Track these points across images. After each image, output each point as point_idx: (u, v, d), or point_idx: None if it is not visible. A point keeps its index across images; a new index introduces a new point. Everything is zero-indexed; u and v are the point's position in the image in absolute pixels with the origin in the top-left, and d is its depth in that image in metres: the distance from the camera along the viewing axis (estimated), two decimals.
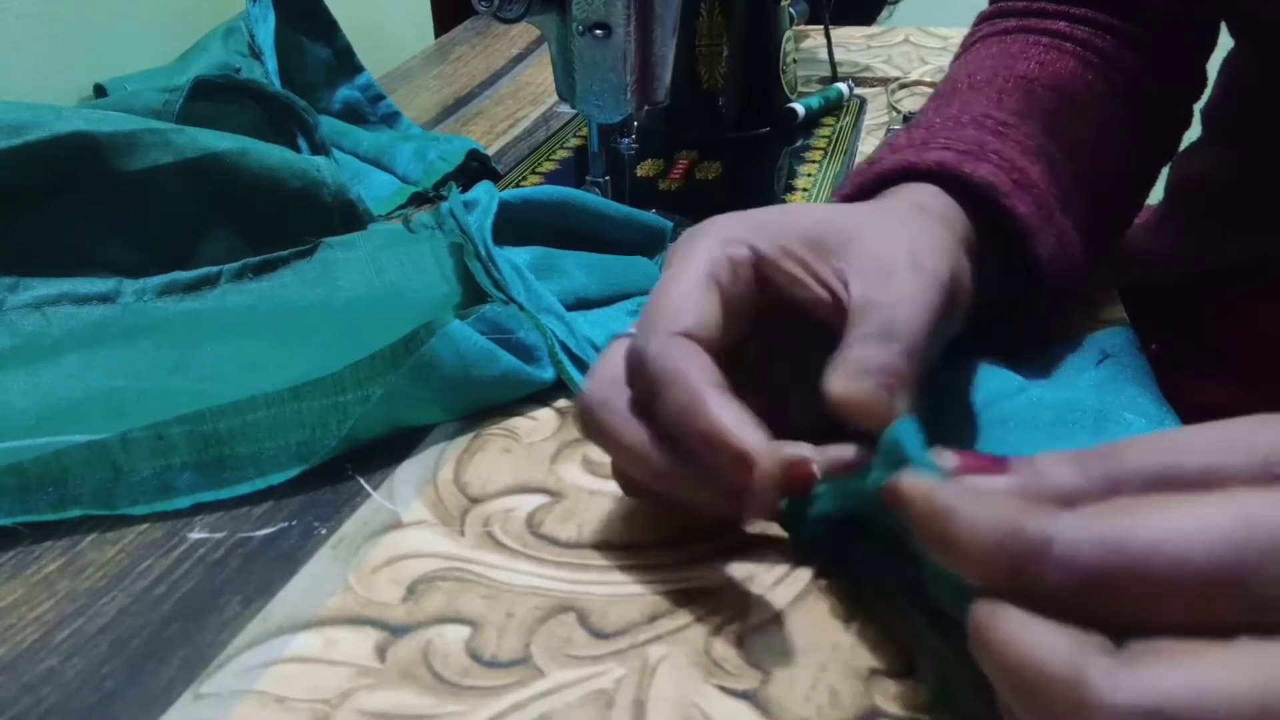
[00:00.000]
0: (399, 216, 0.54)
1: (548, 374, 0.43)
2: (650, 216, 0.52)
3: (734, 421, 0.29)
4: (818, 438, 0.31)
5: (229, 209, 0.50)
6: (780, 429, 0.31)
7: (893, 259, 0.33)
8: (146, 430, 0.36)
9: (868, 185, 0.42)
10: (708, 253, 0.33)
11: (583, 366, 0.43)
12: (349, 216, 0.53)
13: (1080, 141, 0.47)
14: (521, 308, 0.44)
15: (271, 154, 0.51)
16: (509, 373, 0.41)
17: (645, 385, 0.31)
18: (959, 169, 0.40)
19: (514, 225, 0.49)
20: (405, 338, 0.39)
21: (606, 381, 0.33)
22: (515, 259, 0.47)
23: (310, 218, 0.52)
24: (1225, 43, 0.59)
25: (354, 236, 0.51)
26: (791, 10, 0.74)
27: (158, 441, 0.36)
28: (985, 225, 0.39)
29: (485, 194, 0.50)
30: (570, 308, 0.46)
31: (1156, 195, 0.70)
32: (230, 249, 0.50)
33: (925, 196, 0.39)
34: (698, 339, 0.31)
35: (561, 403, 0.42)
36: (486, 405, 0.42)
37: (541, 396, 0.43)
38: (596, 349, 0.44)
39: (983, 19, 0.59)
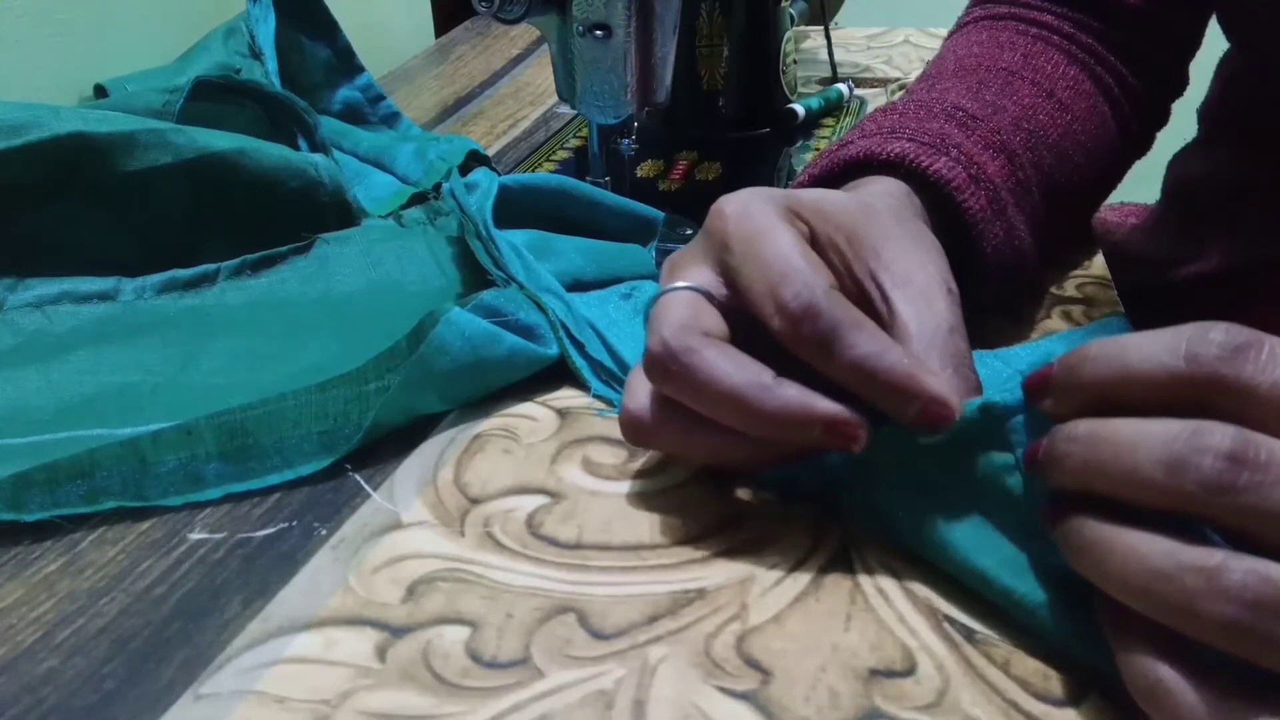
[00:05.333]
0: (393, 216, 0.55)
1: (552, 350, 0.43)
2: (643, 207, 0.53)
3: (927, 371, 0.31)
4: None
5: (226, 209, 0.50)
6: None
7: (929, 282, 0.35)
8: (177, 427, 0.37)
9: (836, 168, 0.45)
10: (787, 218, 0.34)
11: (580, 347, 0.43)
12: (343, 215, 0.53)
13: (1051, 136, 0.49)
14: (521, 286, 0.44)
15: (269, 154, 0.51)
16: (515, 350, 0.42)
17: (818, 333, 0.31)
18: (917, 162, 0.42)
19: (511, 210, 0.50)
20: (415, 328, 0.40)
21: (682, 329, 0.33)
22: (513, 239, 0.47)
23: (306, 217, 0.52)
24: (1223, 42, 0.59)
25: (349, 232, 0.52)
26: (791, 11, 0.74)
27: (184, 435, 0.37)
28: (938, 214, 0.42)
29: (485, 178, 0.50)
30: (566, 289, 0.47)
31: (1153, 195, 0.70)
32: (227, 248, 0.50)
33: (899, 191, 0.42)
34: None
35: (561, 403, 0.43)
36: (498, 387, 0.43)
37: (541, 397, 0.43)
38: (594, 330, 0.44)
39: (975, 3, 0.60)
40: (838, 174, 0.45)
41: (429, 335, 0.39)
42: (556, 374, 0.44)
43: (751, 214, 0.34)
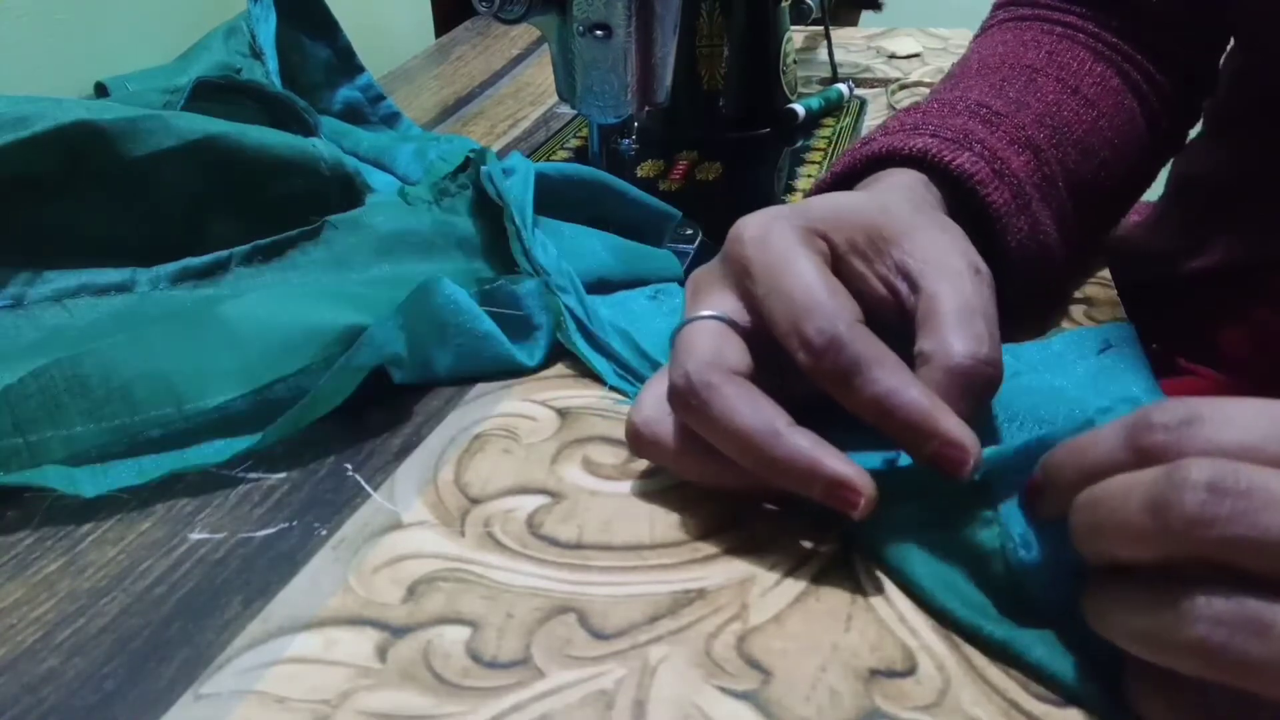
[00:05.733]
0: (398, 193, 0.55)
1: (531, 359, 0.44)
2: (662, 203, 0.53)
3: (945, 411, 0.30)
4: (806, 411, 0.33)
5: (232, 187, 0.50)
6: (779, 399, 0.32)
7: (955, 262, 0.35)
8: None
9: (858, 165, 0.45)
10: (806, 243, 0.34)
11: (595, 343, 0.44)
12: (347, 190, 0.53)
13: (1076, 132, 0.48)
14: (547, 285, 0.45)
15: (268, 133, 0.51)
16: (491, 334, 0.43)
17: (839, 368, 0.31)
18: (939, 157, 0.42)
19: (540, 196, 0.50)
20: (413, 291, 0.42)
21: (706, 365, 0.33)
22: (544, 236, 0.48)
23: (310, 192, 0.52)
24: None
25: (356, 214, 0.51)
26: (809, 1, 0.74)
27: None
28: (961, 209, 0.42)
29: (521, 163, 0.50)
30: (591, 285, 0.47)
31: (1156, 191, 0.70)
32: (236, 228, 0.50)
33: (915, 184, 0.42)
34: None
35: (561, 403, 0.43)
36: (467, 363, 0.44)
37: (541, 397, 0.43)
38: (615, 328, 0.45)
39: (999, 6, 0.60)
40: (860, 170, 0.45)
41: (421, 284, 0.41)
42: (557, 374, 0.44)
43: (771, 241, 0.34)
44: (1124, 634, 0.26)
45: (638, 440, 0.36)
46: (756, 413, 0.32)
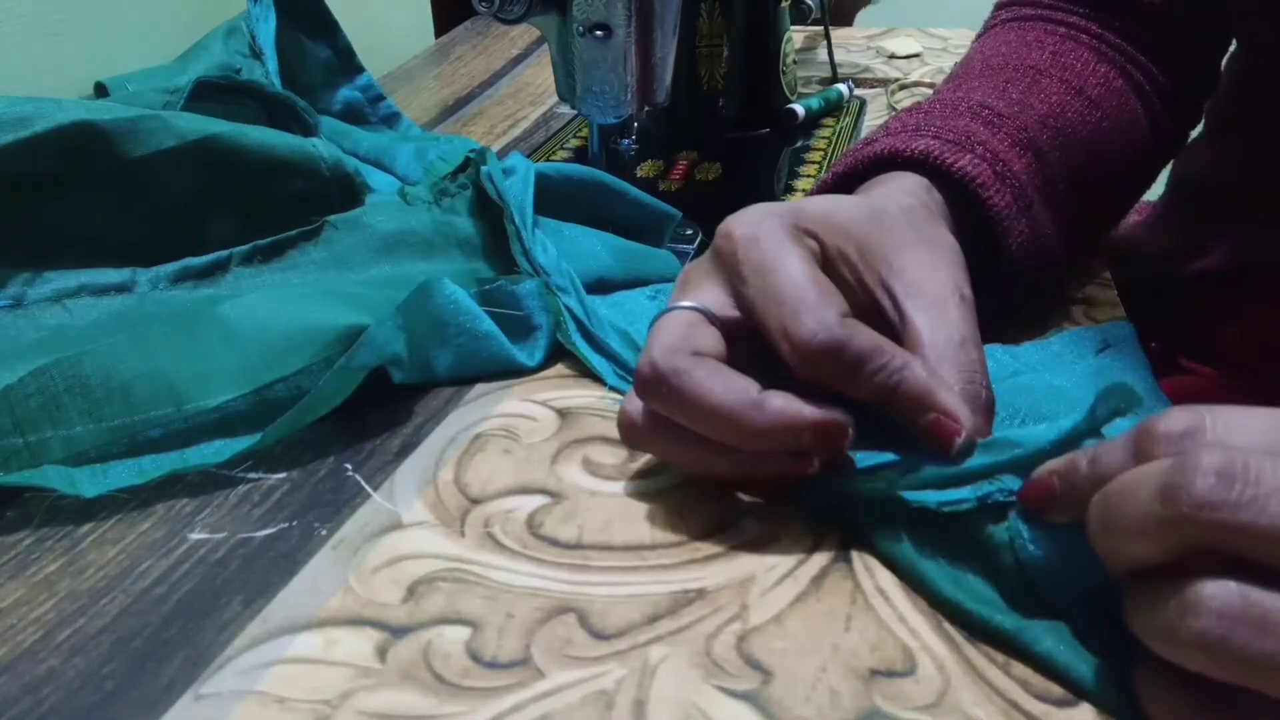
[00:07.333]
0: (398, 193, 0.55)
1: (531, 359, 0.44)
2: (661, 203, 0.53)
3: (945, 388, 0.32)
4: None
5: (232, 188, 0.50)
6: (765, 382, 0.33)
7: (940, 287, 0.35)
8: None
9: (860, 166, 0.45)
10: (795, 242, 0.35)
11: (595, 343, 0.44)
12: (347, 190, 0.53)
13: (1080, 133, 0.48)
14: (548, 286, 0.45)
15: (268, 133, 0.51)
16: (491, 334, 0.44)
17: (845, 362, 0.32)
18: (941, 159, 0.43)
19: (540, 196, 0.50)
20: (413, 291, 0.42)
21: (672, 351, 0.33)
22: (545, 237, 0.48)
23: (310, 192, 0.52)
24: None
25: (356, 214, 0.51)
26: (809, 1, 0.74)
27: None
28: (963, 211, 0.43)
29: (521, 163, 0.50)
30: (591, 286, 0.47)
31: (1157, 191, 0.70)
32: (237, 228, 0.50)
33: (916, 188, 0.42)
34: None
35: (561, 403, 0.43)
36: (468, 363, 0.44)
37: (541, 397, 0.43)
38: (615, 328, 0.45)
39: (1000, 6, 0.60)
40: (861, 171, 0.45)
41: (421, 284, 0.42)
42: (557, 374, 0.44)
43: (760, 239, 0.34)
44: (1141, 629, 0.26)
45: (631, 432, 0.36)
46: (729, 388, 0.32)
